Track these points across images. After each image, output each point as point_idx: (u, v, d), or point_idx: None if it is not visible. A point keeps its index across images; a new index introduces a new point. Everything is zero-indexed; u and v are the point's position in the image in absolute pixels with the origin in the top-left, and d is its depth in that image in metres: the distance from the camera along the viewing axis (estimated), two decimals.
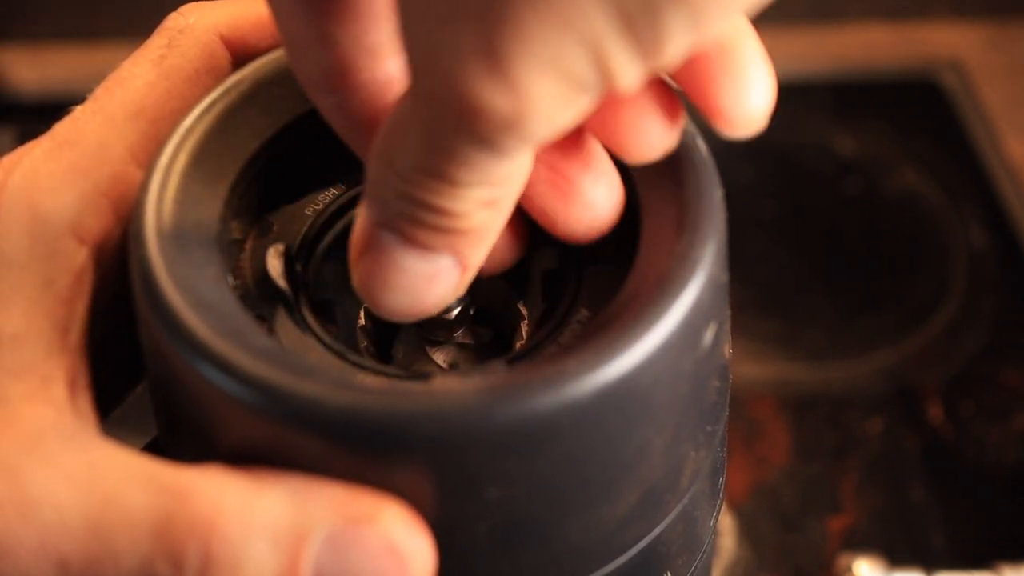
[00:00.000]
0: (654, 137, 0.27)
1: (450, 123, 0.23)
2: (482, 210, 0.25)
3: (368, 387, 0.26)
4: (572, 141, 0.28)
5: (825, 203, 0.88)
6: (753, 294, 0.80)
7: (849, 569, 0.64)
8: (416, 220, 0.25)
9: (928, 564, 0.65)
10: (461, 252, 0.26)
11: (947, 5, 0.99)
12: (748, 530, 0.69)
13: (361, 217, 0.26)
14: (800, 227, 0.86)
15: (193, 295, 0.27)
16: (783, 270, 0.82)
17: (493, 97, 0.23)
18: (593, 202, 0.28)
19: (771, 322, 0.79)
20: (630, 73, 0.23)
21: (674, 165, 0.29)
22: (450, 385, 0.26)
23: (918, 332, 0.79)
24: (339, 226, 0.32)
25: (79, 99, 0.31)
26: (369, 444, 0.25)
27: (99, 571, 0.25)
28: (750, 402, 0.74)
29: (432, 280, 0.26)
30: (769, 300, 0.80)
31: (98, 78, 0.31)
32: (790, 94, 0.93)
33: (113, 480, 0.26)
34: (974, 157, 0.89)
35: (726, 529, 0.68)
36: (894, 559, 0.65)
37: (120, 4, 0.95)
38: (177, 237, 0.28)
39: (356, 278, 0.27)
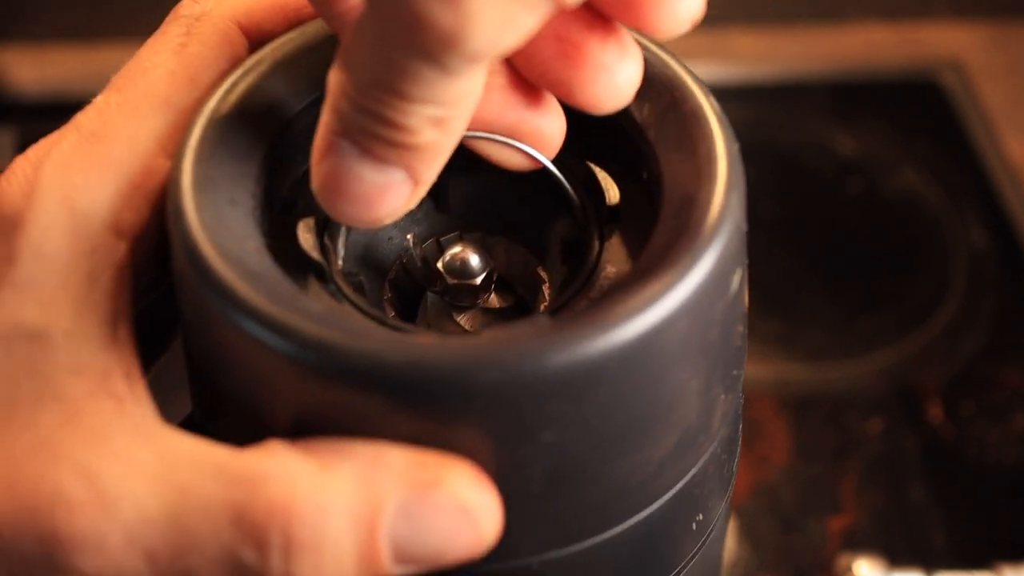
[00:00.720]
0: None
1: (397, 36, 0.24)
2: (432, 128, 0.26)
3: (425, 342, 0.27)
4: (576, 11, 0.28)
5: (825, 203, 0.88)
6: (753, 294, 0.80)
7: (849, 569, 0.64)
8: (370, 132, 0.26)
9: (928, 564, 0.65)
10: (413, 167, 0.27)
11: (947, 5, 0.99)
12: (748, 530, 0.69)
13: (322, 124, 0.27)
14: (800, 227, 0.86)
15: (241, 266, 0.27)
16: (783, 270, 0.82)
17: (436, 10, 0.23)
18: (604, 64, 0.28)
19: (771, 322, 0.79)
20: None
21: (691, 120, 0.30)
22: (502, 336, 0.27)
23: (918, 332, 0.79)
24: None
25: (79, 99, 0.31)
26: (430, 396, 0.26)
27: (186, 561, 0.26)
28: (750, 402, 0.74)
29: (385, 191, 0.27)
30: (769, 300, 0.80)
31: (98, 78, 0.31)
32: (790, 94, 0.94)
33: (184, 470, 0.26)
34: (974, 157, 0.89)
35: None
36: (894, 559, 0.65)
37: (120, 4, 0.95)
38: (215, 214, 0.28)
39: (315, 182, 0.27)
